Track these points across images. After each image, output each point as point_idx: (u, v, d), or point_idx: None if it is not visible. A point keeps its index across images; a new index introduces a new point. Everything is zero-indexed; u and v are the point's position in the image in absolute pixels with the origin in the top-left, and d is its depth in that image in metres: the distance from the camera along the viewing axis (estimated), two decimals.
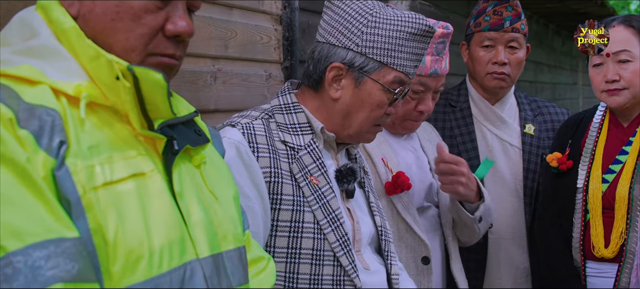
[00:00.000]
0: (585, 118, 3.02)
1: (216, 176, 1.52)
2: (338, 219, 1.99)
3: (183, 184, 1.36)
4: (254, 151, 1.93)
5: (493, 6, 3.15)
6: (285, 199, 1.95)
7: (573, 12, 8.17)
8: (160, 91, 1.28)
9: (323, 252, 1.96)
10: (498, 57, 3.12)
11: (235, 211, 1.55)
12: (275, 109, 2.07)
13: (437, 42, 2.51)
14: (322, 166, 2.02)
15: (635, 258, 2.68)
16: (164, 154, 1.35)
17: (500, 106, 3.27)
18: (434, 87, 2.56)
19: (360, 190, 2.20)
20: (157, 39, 1.33)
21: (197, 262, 1.32)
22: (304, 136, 2.04)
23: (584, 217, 2.83)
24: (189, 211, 1.34)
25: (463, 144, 3.16)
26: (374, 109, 2.04)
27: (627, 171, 2.78)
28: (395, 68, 2.02)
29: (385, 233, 2.18)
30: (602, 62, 2.82)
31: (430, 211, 2.67)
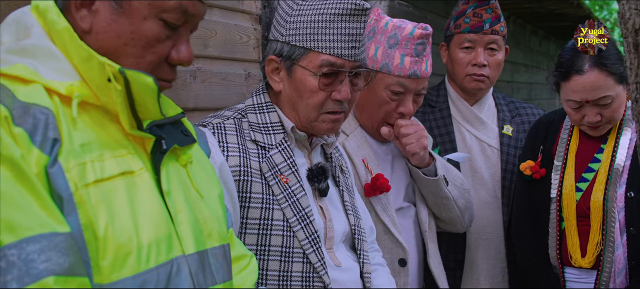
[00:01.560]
0: (555, 121, 3.02)
1: (202, 175, 1.56)
2: (308, 217, 2.02)
3: (170, 183, 1.40)
4: (224, 150, 1.98)
5: (473, 8, 3.17)
6: (254, 197, 1.99)
7: (550, 12, 8.24)
8: (150, 94, 1.33)
9: (292, 249, 2.00)
10: (477, 59, 3.15)
11: (220, 209, 1.59)
12: (248, 109, 2.12)
13: (416, 43, 2.52)
14: (292, 164, 2.06)
15: (613, 266, 2.70)
16: (153, 154, 1.40)
17: (478, 106, 3.30)
18: (414, 89, 2.57)
19: (335, 188, 2.22)
20: (161, 65, 1.39)
21: (184, 258, 1.36)
22: (276, 135, 2.08)
23: (559, 226, 2.84)
24: (176, 208, 1.39)
25: (442, 145, 3.18)
26: (310, 95, 2.05)
27: (601, 179, 2.78)
28: (321, 51, 2.02)
29: (359, 231, 2.21)
30: (579, 106, 2.76)
31: (410, 211, 2.69)
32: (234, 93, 2.76)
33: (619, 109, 2.76)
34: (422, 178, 2.63)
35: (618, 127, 2.84)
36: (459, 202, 2.72)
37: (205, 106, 2.57)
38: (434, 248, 2.71)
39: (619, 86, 2.69)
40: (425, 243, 2.69)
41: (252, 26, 2.88)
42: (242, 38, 2.81)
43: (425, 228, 2.68)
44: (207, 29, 2.57)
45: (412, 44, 2.52)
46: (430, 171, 2.65)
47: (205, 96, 2.57)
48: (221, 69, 2.68)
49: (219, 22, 2.64)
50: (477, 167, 3.22)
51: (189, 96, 2.49)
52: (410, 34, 2.52)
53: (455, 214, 2.74)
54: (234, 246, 1.70)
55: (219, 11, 2.66)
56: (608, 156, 2.81)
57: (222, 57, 2.68)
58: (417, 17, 4.90)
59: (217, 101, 2.63)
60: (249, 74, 2.86)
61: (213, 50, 2.61)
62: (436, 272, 2.67)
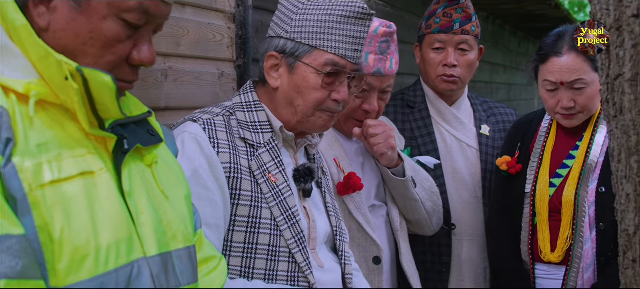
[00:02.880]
0: (534, 121, 3.04)
1: (168, 176, 1.53)
2: (294, 217, 2.02)
3: (133, 183, 1.37)
4: (215, 146, 1.97)
5: (443, 8, 3.17)
6: (244, 194, 1.98)
7: (529, 13, 8.28)
8: (109, 93, 1.30)
9: (279, 248, 2.00)
10: (448, 59, 3.15)
11: (187, 210, 1.57)
12: (236, 107, 2.11)
13: (380, 41, 2.52)
14: (280, 164, 2.06)
15: (581, 261, 2.71)
16: (115, 153, 1.37)
17: (456, 107, 3.30)
18: (378, 86, 2.57)
19: (318, 190, 2.23)
20: (121, 66, 1.36)
21: (145, 261, 1.33)
22: (264, 134, 2.07)
23: (532, 221, 2.86)
24: (138, 209, 1.36)
25: (424, 146, 3.18)
26: (311, 92, 2.06)
27: (574, 175, 2.80)
28: (326, 50, 2.05)
29: (341, 233, 2.22)
30: (555, 89, 2.80)
31: (381, 210, 2.69)
32: (207, 92, 2.73)
33: (593, 98, 2.77)
34: (391, 178, 2.63)
35: (594, 124, 2.86)
36: (426, 205, 2.73)
37: (177, 106, 2.54)
38: (406, 247, 2.71)
39: (594, 74, 2.72)
40: (397, 242, 2.67)
41: (226, 25, 2.86)
42: (216, 37, 2.78)
43: (397, 227, 2.68)
44: (180, 27, 2.54)
45: (376, 41, 2.52)
46: (398, 171, 2.65)
47: (177, 95, 2.54)
48: (194, 68, 2.65)
49: (191, 20, 2.61)
50: (458, 168, 3.22)
51: (161, 95, 2.46)
52: (374, 31, 2.52)
53: (423, 216, 2.74)
54: (202, 247, 1.67)
55: (191, 9, 2.63)
56: (583, 153, 2.83)
57: (194, 56, 2.65)
58: (395, 17, 4.90)
59: (189, 101, 2.60)
60: (222, 73, 2.83)
61: (185, 49, 2.58)
62: (409, 271, 2.67)
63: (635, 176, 1.52)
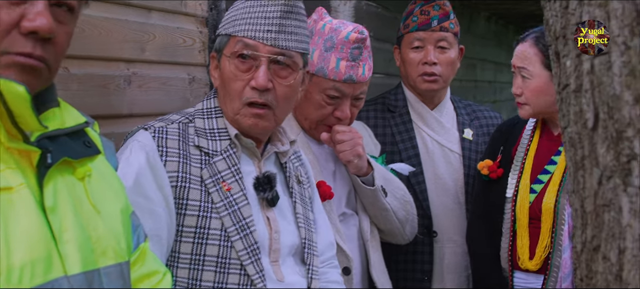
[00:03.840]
0: (518, 124, 2.98)
1: (102, 189, 1.48)
2: (248, 227, 1.95)
3: (57, 199, 1.32)
4: (162, 155, 1.93)
5: (420, 6, 3.12)
6: (191, 204, 1.93)
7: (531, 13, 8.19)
8: (23, 104, 1.24)
9: (229, 260, 1.93)
10: (428, 57, 3.09)
11: (121, 225, 1.51)
12: (197, 113, 2.07)
13: (352, 48, 2.46)
14: (237, 172, 1.99)
15: (559, 270, 2.64)
16: (38, 168, 1.31)
17: (438, 110, 3.24)
18: (350, 94, 2.51)
19: (288, 199, 2.15)
20: (10, 36, 1.28)
21: (65, 279, 1.28)
22: (221, 141, 2.02)
23: (513, 227, 2.79)
24: (62, 226, 1.30)
25: (405, 151, 3.12)
26: (230, 83, 2.02)
27: (555, 182, 2.73)
28: (237, 35, 2.01)
29: (310, 245, 2.14)
30: (514, 73, 2.85)
31: (353, 219, 2.63)
32: (177, 98, 2.68)
33: (538, 94, 2.75)
34: (361, 186, 2.57)
35: None
36: (398, 214, 2.66)
37: (142, 112, 2.49)
38: (377, 256, 2.65)
39: (543, 70, 2.72)
40: (367, 252, 2.61)
41: (198, 29, 2.81)
42: (186, 41, 2.73)
43: (367, 237, 2.62)
44: (144, 32, 2.50)
45: (348, 48, 2.46)
46: (368, 180, 2.58)
47: (141, 101, 2.49)
48: (160, 73, 2.60)
49: (157, 25, 2.56)
50: (440, 173, 3.16)
51: (123, 102, 2.41)
52: (345, 37, 2.47)
53: (395, 225, 2.68)
54: (145, 261, 1.61)
55: (157, 14, 2.58)
56: (564, 159, 2.75)
57: (161, 61, 2.60)
58: (386, 18, 4.83)
59: (155, 107, 2.55)
60: (193, 78, 2.78)
61: (151, 54, 2.54)
62: (379, 282, 2.60)
63: (582, 191, 1.45)
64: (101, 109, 2.30)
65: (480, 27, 7.75)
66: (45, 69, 1.34)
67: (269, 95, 2.01)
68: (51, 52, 1.34)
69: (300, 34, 2.07)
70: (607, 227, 1.36)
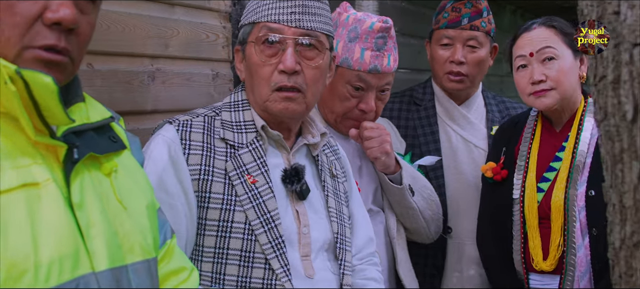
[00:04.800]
0: (519, 123, 2.90)
1: (129, 185, 1.46)
2: (273, 221, 1.91)
3: (84, 194, 1.30)
4: (186, 148, 1.91)
5: (452, 3, 3.06)
6: (214, 197, 1.90)
7: (558, 6, 8.08)
8: (51, 96, 1.22)
9: (253, 253, 1.89)
10: (455, 55, 3.03)
11: (148, 221, 1.48)
12: (224, 107, 2.05)
13: (376, 37, 2.42)
14: (263, 164, 1.96)
15: (575, 269, 2.57)
16: (65, 163, 1.29)
17: (466, 106, 3.18)
18: (376, 85, 2.47)
19: (320, 193, 2.11)
20: (34, 29, 1.26)
21: (93, 276, 1.26)
22: (248, 134, 1.99)
23: (523, 228, 2.71)
24: (89, 222, 1.28)
25: (425, 145, 3.07)
26: (257, 70, 1.99)
27: (562, 178, 2.65)
28: (260, 21, 1.99)
29: (343, 240, 2.09)
30: (526, 63, 2.69)
31: (379, 216, 2.59)
32: (201, 94, 2.66)
33: (565, 74, 2.65)
34: (388, 184, 2.53)
35: (578, 123, 2.71)
36: (425, 214, 2.62)
37: (165, 108, 2.47)
38: (403, 255, 2.60)
39: (566, 49, 2.65)
40: (394, 250, 2.57)
41: (221, 24, 2.78)
42: (209, 36, 2.71)
43: (394, 235, 2.57)
44: (168, 28, 2.47)
45: (372, 37, 2.42)
46: (396, 178, 2.54)
47: (165, 97, 2.47)
48: (184, 69, 2.58)
49: (181, 20, 2.54)
50: (462, 168, 3.11)
51: (147, 98, 2.39)
52: (370, 27, 2.43)
53: (420, 225, 2.63)
54: (172, 258, 1.60)
55: (181, 9, 2.55)
56: (569, 153, 2.67)
57: (185, 57, 2.58)
58: (412, 12, 4.78)
59: (179, 103, 2.53)
60: (217, 74, 2.75)
61: (174, 50, 2.51)
62: (406, 280, 2.56)
63: (621, 186, 1.40)
64: (125, 105, 2.29)
65: (506, 22, 7.65)
66: (69, 63, 1.32)
67: (298, 78, 1.98)
68: (75, 43, 1.32)
69: (324, 15, 2.04)
70: None
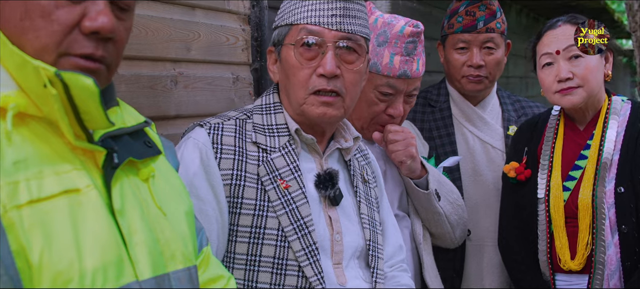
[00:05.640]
0: (539, 123, 2.88)
1: (167, 191, 1.43)
2: (306, 227, 1.87)
3: (125, 201, 1.27)
4: (217, 152, 1.86)
5: (465, 6, 3.02)
6: (246, 203, 1.86)
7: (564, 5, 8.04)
8: (92, 98, 1.19)
9: (286, 261, 1.85)
10: (473, 59, 3.00)
11: (187, 227, 1.45)
12: (255, 110, 2.00)
13: (406, 42, 2.38)
14: (296, 169, 1.91)
15: (605, 268, 2.54)
16: (104, 168, 1.26)
17: (482, 106, 3.16)
18: (404, 90, 2.43)
19: (353, 199, 2.06)
20: (71, 36, 1.23)
21: (137, 284, 1.23)
22: (281, 138, 1.95)
23: (549, 228, 2.67)
24: (131, 229, 1.25)
25: (442, 147, 3.04)
26: (295, 73, 1.94)
27: (588, 177, 2.62)
28: (299, 22, 1.94)
29: (375, 247, 2.05)
30: (552, 61, 2.66)
31: (404, 221, 2.55)
32: (222, 98, 2.62)
33: (592, 72, 2.63)
34: (414, 189, 2.48)
35: (604, 120, 2.69)
36: (451, 219, 2.58)
37: (189, 113, 2.43)
38: (429, 260, 2.56)
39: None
40: (420, 255, 2.53)
41: (240, 27, 2.74)
42: (229, 39, 2.67)
43: (420, 240, 2.53)
44: (189, 31, 2.43)
45: (402, 42, 2.37)
46: (422, 183, 2.50)
47: (188, 102, 2.43)
48: (206, 73, 2.53)
49: (202, 23, 2.50)
50: (480, 169, 3.08)
51: (170, 103, 2.35)
52: (400, 31, 2.38)
53: (446, 229, 2.59)
54: (208, 266, 1.56)
55: (202, 12, 2.51)
56: (595, 152, 2.65)
57: (206, 61, 2.54)
58: (422, 13, 4.75)
59: (201, 107, 2.49)
60: (237, 77, 2.71)
61: (196, 53, 2.47)
62: (432, 286, 2.52)
63: None
64: (149, 110, 2.25)
65: (511, 21, 7.63)
66: (105, 70, 1.29)
67: (338, 82, 1.94)
68: (112, 50, 1.29)
69: (363, 18, 2.00)
70: None
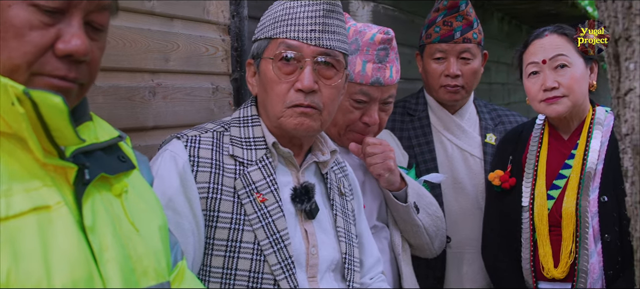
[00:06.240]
0: (524, 132, 2.91)
1: (140, 206, 1.42)
2: (283, 241, 1.87)
3: (96, 217, 1.26)
4: (194, 165, 1.86)
5: (443, 16, 3.05)
6: (222, 216, 1.85)
7: (545, 13, 8.10)
8: (61, 116, 1.18)
9: (262, 274, 1.85)
10: (450, 69, 3.05)
11: (161, 243, 1.44)
12: (233, 122, 2.00)
13: (378, 49, 2.39)
14: (272, 183, 1.91)
15: (588, 276, 2.55)
16: (76, 185, 1.25)
17: (459, 115, 3.20)
18: (378, 97, 2.43)
19: (329, 212, 2.06)
20: (44, 58, 1.22)
21: None
22: (258, 151, 1.94)
23: (533, 236, 2.70)
24: (102, 246, 1.24)
25: (421, 155, 3.06)
26: (273, 86, 1.94)
27: (572, 186, 2.65)
28: (278, 37, 1.94)
29: (351, 260, 2.05)
30: (538, 70, 2.70)
31: (383, 232, 2.55)
32: (201, 108, 2.61)
33: (578, 82, 2.67)
34: (392, 201, 2.49)
35: (588, 130, 2.72)
36: (429, 230, 2.58)
37: (167, 124, 2.42)
38: (408, 270, 2.56)
39: (578, 58, 2.68)
40: (399, 266, 2.53)
41: (220, 37, 2.73)
42: (209, 50, 2.66)
43: (399, 251, 2.53)
44: (168, 41, 2.42)
45: (374, 49, 2.38)
46: (401, 195, 2.50)
47: (166, 113, 2.42)
48: (185, 83, 2.53)
49: (180, 34, 2.49)
50: (459, 177, 3.11)
51: (148, 114, 2.34)
52: (371, 39, 2.39)
53: (425, 241, 2.60)
54: (183, 280, 1.55)
55: (180, 22, 2.51)
56: (579, 161, 2.69)
57: (185, 71, 2.53)
58: (404, 22, 4.76)
59: (180, 118, 2.48)
60: (216, 88, 2.70)
61: (175, 64, 2.46)
62: None
63: None
64: (127, 122, 2.24)
65: (494, 29, 7.67)
66: (77, 89, 1.29)
67: (315, 97, 1.94)
68: (85, 71, 1.29)
69: (342, 33, 2.01)
70: None
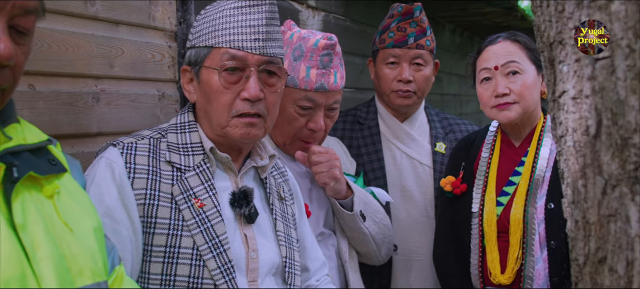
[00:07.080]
0: (477, 139, 2.94)
1: (73, 207, 1.41)
2: (221, 245, 1.87)
3: (27, 215, 1.25)
4: (130, 172, 1.85)
5: (397, 22, 3.08)
6: (160, 222, 1.84)
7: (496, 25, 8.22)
8: None
9: (201, 279, 1.84)
10: (402, 74, 3.06)
11: (96, 244, 1.43)
12: (170, 128, 2.00)
13: (321, 55, 2.40)
14: (211, 188, 1.91)
15: (533, 282, 2.59)
16: (4, 183, 1.24)
17: (409, 123, 3.21)
18: (323, 103, 2.44)
19: (269, 216, 2.06)
20: None
21: None
22: (195, 157, 1.94)
23: (482, 242, 2.72)
24: (34, 244, 1.24)
25: (369, 163, 3.07)
26: (217, 96, 1.94)
27: (521, 192, 2.68)
28: (221, 46, 1.94)
29: (291, 264, 2.06)
30: (490, 76, 2.72)
31: (330, 240, 2.55)
32: (146, 115, 2.58)
33: (529, 89, 2.69)
34: (339, 210, 2.50)
35: (538, 139, 2.75)
36: (376, 238, 2.59)
37: (111, 130, 2.39)
38: (355, 277, 2.57)
39: (531, 65, 2.70)
40: (346, 273, 2.53)
41: (167, 43, 2.71)
42: (155, 56, 2.63)
43: (346, 258, 2.54)
44: (112, 47, 2.39)
45: (317, 55, 2.39)
46: (347, 204, 2.51)
47: (110, 119, 2.39)
48: (130, 89, 2.50)
49: (126, 39, 2.46)
50: (408, 185, 3.12)
51: (92, 120, 2.31)
52: (314, 45, 2.40)
53: (371, 248, 2.61)
54: (122, 283, 1.55)
55: (126, 28, 2.48)
56: (529, 168, 2.72)
57: (130, 77, 2.50)
58: (356, 32, 4.78)
59: (125, 124, 2.45)
60: (163, 94, 2.68)
61: (119, 70, 2.43)
62: None
63: (583, 201, 1.40)
64: (69, 127, 2.20)
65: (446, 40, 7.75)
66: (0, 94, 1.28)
67: (261, 105, 1.96)
68: (9, 76, 1.28)
69: (281, 39, 2.03)
70: (614, 238, 1.30)
